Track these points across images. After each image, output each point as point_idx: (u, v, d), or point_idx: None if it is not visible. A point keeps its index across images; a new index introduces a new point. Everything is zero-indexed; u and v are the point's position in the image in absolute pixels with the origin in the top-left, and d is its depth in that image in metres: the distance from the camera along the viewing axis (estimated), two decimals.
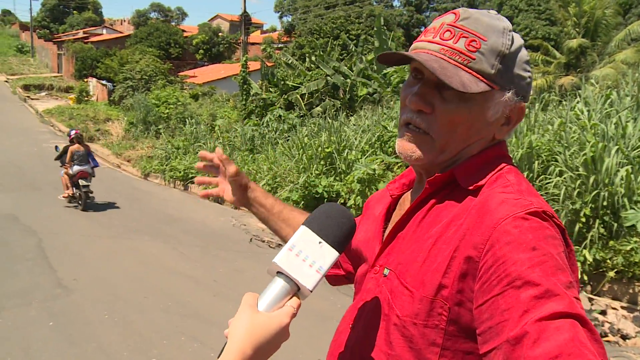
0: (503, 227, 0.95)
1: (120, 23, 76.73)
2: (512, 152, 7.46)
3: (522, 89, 1.10)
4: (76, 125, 22.83)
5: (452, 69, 1.04)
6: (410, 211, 1.14)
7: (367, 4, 45.17)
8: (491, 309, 0.91)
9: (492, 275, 0.92)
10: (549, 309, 0.85)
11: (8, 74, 43.40)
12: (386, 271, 1.13)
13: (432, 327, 1.02)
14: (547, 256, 0.91)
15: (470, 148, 1.12)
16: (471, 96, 1.06)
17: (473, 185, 1.07)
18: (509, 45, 1.07)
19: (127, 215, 10.59)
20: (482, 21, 1.07)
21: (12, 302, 6.00)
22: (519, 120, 1.14)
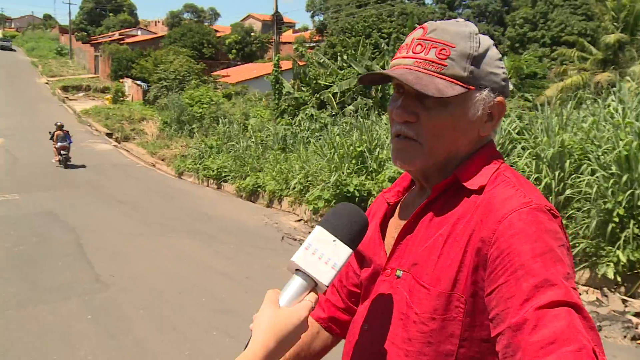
0: (508, 221, 1.02)
1: (155, 24, 77.73)
2: (543, 151, 7.40)
3: (497, 86, 1.18)
4: (112, 124, 23.30)
5: (427, 78, 1.12)
6: (418, 214, 1.20)
7: (399, 2, 45.00)
8: (497, 297, 0.99)
9: (498, 265, 1.00)
10: (548, 297, 0.92)
11: (48, 75, 44.31)
12: (399, 273, 1.19)
13: (450, 319, 1.09)
14: (547, 248, 0.98)
15: (459, 148, 1.19)
16: (450, 100, 1.13)
17: (477, 186, 1.14)
18: (477, 47, 1.15)
19: (163, 213, 10.79)
20: (448, 30, 1.15)
21: (53, 296, 6.21)
22: (501, 114, 1.20)
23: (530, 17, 44.68)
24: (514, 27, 46.00)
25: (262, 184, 12.16)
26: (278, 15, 25.25)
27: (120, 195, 12.41)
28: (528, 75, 14.00)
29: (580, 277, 6.55)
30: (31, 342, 5.06)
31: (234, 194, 12.94)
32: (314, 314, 1.47)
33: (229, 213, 11.02)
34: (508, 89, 1.22)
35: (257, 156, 13.85)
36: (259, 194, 12.27)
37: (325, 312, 1.46)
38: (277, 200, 11.64)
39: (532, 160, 7.51)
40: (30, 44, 67.29)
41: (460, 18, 1.24)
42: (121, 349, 4.90)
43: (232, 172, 13.56)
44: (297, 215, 10.77)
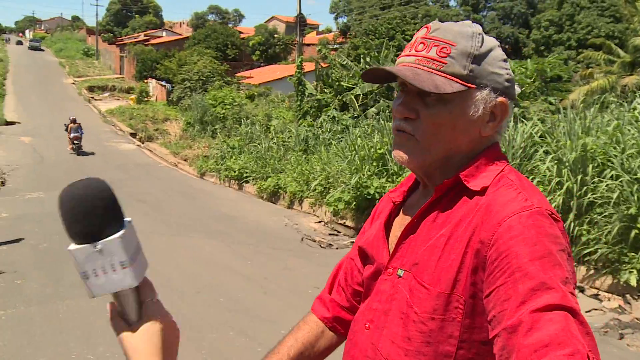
0: (508, 223, 1.02)
1: (180, 25, 78.50)
2: (565, 155, 7.32)
3: (499, 86, 1.17)
4: (136, 124, 23.55)
5: (426, 75, 1.13)
6: (420, 214, 1.21)
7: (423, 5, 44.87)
8: (495, 299, 0.98)
9: (496, 267, 1.00)
10: (544, 301, 0.91)
11: (75, 76, 44.99)
12: (400, 272, 1.19)
13: (449, 320, 1.09)
14: (546, 252, 0.97)
15: (459, 147, 1.19)
16: (449, 98, 1.14)
17: (480, 187, 1.14)
18: (479, 46, 1.15)
19: (183, 213, 10.88)
20: (451, 30, 1.16)
21: (75, 292, 6.29)
22: (504, 115, 1.20)
23: (556, 20, 44.20)
24: (539, 30, 45.54)
25: (283, 185, 12.20)
26: (301, 17, 25.30)
27: (141, 195, 12.53)
28: (552, 79, 13.82)
29: (602, 284, 6.46)
30: (53, 337, 5.15)
31: (255, 195, 13.00)
32: (319, 313, 1.48)
33: (249, 214, 11.07)
34: (513, 91, 1.22)
35: (279, 157, 13.89)
36: (279, 195, 12.31)
37: (329, 311, 1.46)
38: (298, 201, 11.66)
39: (554, 164, 7.43)
40: (59, 45, 68.45)
41: (467, 20, 1.25)
42: None
43: (254, 173, 13.62)
44: (317, 216, 10.79)
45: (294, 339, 1.44)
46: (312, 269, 7.35)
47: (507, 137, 8.58)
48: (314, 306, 1.51)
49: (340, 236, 9.47)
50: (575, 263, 6.65)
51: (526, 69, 13.16)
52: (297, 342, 1.42)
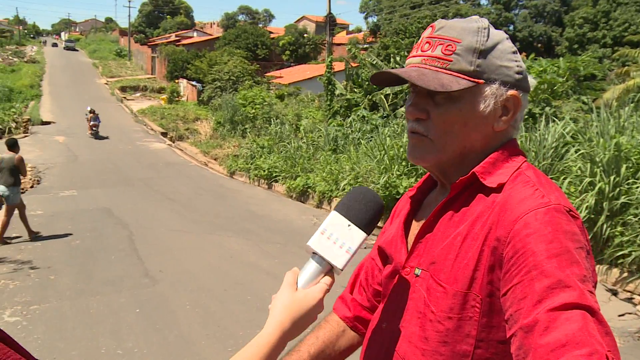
0: (524, 220, 1.00)
1: (210, 26, 79.08)
2: (598, 155, 7.19)
3: (510, 79, 1.15)
4: (167, 124, 23.81)
5: (431, 74, 1.12)
6: (437, 213, 1.19)
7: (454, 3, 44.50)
8: (511, 297, 0.97)
9: (513, 265, 0.98)
10: (561, 299, 0.89)
11: (108, 76, 45.70)
12: (418, 271, 1.18)
13: (466, 319, 1.08)
14: (563, 249, 0.95)
15: (473, 144, 1.17)
16: (458, 95, 1.13)
17: (496, 184, 1.12)
18: (484, 41, 1.13)
19: (212, 212, 10.96)
20: (455, 27, 1.15)
21: (106, 288, 6.42)
22: (517, 109, 1.17)
23: (591, 17, 43.43)
24: (572, 28, 44.81)
25: (312, 185, 12.20)
26: (331, 17, 25.31)
27: (172, 194, 12.67)
28: (585, 77, 13.58)
29: (636, 287, 6.34)
30: (83, 331, 5.24)
31: (284, 194, 13.04)
32: (340, 312, 1.48)
33: (278, 213, 11.10)
34: (526, 83, 1.19)
35: (308, 157, 13.90)
36: (308, 195, 12.32)
37: (351, 311, 1.46)
38: (327, 201, 11.66)
39: (587, 164, 7.31)
40: (92, 47, 69.73)
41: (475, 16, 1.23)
42: (166, 342, 5.01)
43: (283, 172, 13.65)
44: None
45: (315, 337, 1.43)
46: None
47: (538, 137, 8.47)
48: (335, 305, 1.51)
49: (368, 236, 9.44)
50: (608, 265, 6.57)
51: (558, 68, 12.95)
52: (318, 341, 1.42)
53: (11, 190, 8.39)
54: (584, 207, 6.83)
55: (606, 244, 6.77)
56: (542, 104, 11.22)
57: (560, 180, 7.58)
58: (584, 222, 6.76)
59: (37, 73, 42.26)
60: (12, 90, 31.24)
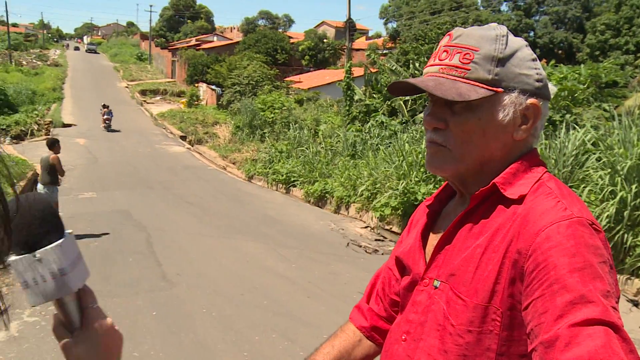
0: (546, 233, 0.99)
1: (230, 30, 79.49)
2: (619, 163, 7.09)
3: (529, 87, 1.14)
4: (186, 127, 23.97)
5: (449, 83, 1.12)
6: (456, 224, 1.18)
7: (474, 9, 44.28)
8: (532, 311, 0.95)
9: (534, 279, 0.97)
10: (583, 314, 0.88)
11: (128, 80, 46.14)
12: (437, 283, 1.17)
13: (486, 332, 1.06)
14: (586, 264, 0.94)
15: (492, 153, 1.16)
16: (476, 104, 1.12)
17: (517, 195, 1.10)
18: (503, 49, 1.12)
19: (230, 216, 10.99)
20: (473, 35, 1.14)
21: (123, 291, 6.45)
22: (537, 117, 1.16)
23: (613, 23, 42.94)
24: (594, 34, 44.33)
25: (330, 190, 12.19)
26: (351, 22, 25.30)
27: (190, 197, 12.73)
28: (607, 84, 13.43)
29: None
30: None
31: (302, 199, 13.04)
32: (357, 322, 1.47)
33: (296, 218, 11.11)
34: (546, 91, 1.18)
35: (326, 162, 13.89)
36: (326, 200, 12.32)
37: (367, 320, 1.45)
38: (345, 206, 11.65)
39: (607, 173, 7.22)
40: (114, 50, 70.55)
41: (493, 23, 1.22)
42: (182, 346, 5.02)
43: (301, 177, 13.66)
44: (364, 222, 10.75)
45: (330, 346, 1.43)
46: (357, 274, 7.32)
47: (558, 145, 8.39)
48: (352, 315, 1.50)
49: (386, 242, 9.41)
50: (629, 276, 6.47)
51: (579, 75, 12.83)
52: (334, 350, 1.42)
53: (48, 189, 8.60)
54: (605, 216, 6.75)
55: (627, 253, 6.68)
56: (563, 111, 11.11)
57: (580, 189, 7.50)
58: (605, 232, 6.70)
59: (60, 76, 42.76)
60: (35, 93, 31.62)
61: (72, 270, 0.89)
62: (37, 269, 0.86)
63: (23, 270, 0.86)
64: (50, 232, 0.88)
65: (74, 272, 0.90)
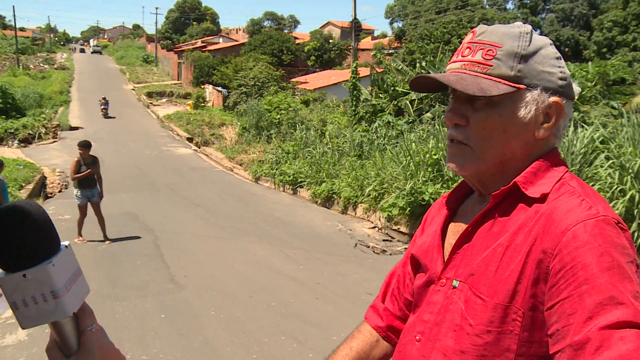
0: (572, 232, 0.96)
1: (236, 32, 79.65)
2: (628, 162, 7.04)
3: (552, 85, 1.12)
4: (193, 129, 24.02)
5: (471, 78, 1.10)
6: (475, 223, 1.16)
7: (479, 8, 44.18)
8: (559, 312, 0.93)
9: (561, 279, 0.95)
10: (614, 317, 0.85)
11: (134, 82, 46.23)
12: (455, 283, 1.15)
13: (506, 333, 1.04)
14: (614, 263, 0.91)
15: (513, 151, 1.14)
16: (498, 100, 1.11)
17: (540, 194, 1.08)
18: (526, 46, 1.11)
19: (238, 217, 10.99)
20: (497, 32, 1.13)
21: (132, 293, 6.46)
22: (560, 116, 1.14)
23: (621, 20, 42.73)
24: (601, 31, 44.13)
25: (337, 191, 12.18)
26: (356, 22, 25.30)
27: (197, 199, 12.74)
28: (615, 82, 13.34)
29: None
30: (109, 336, 5.24)
31: (309, 200, 13.02)
32: (372, 322, 1.45)
33: (303, 218, 11.09)
34: (570, 90, 1.16)
35: (333, 162, 13.88)
36: (333, 200, 12.30)
37: (383, 320, 1.43)
38: (352, 206, 11.62)
39: (616, 171, 7.17)
40: (120, 53, 70.74)
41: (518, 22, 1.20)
42: (191, 348, 5.01)
43: (308, 177, 13.65)
44: (371, 222, 10.72)
45: (348, 348, 1.42)
46: (365, 275, 7.29)
47: (566, 143, 8.34)
48: (367, 315, 1.49)
49: (394, 242, 9.39)
50: None
51: (587, 72, 12.76)
52: (352, 351, 1.41)
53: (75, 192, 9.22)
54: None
55: (637, 253, 6.63)
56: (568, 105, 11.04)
57: None
58: None
59: (66, 79, 42.94)
60: (42, 97, 31.81)
61: (67, 291, 0.82)
62: (27, 290, 0.78)
63: (12, 291, 0.79)
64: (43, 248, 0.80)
65: (70, 293, 0.82)
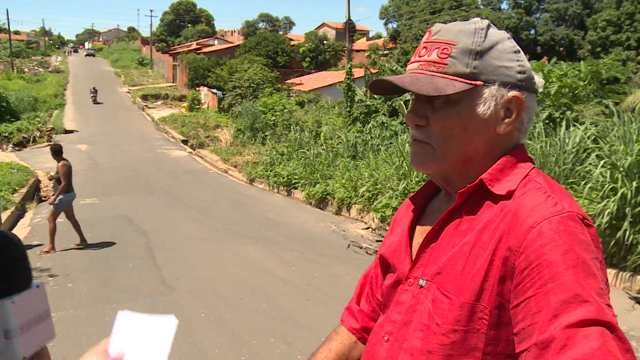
0: (537, 230, 0.97)
1: (231, 34, 79.79)
2: (619, 160, 7.04)
3: (511, 79, 1.11)
4: (188, 132, 23.99)
5: (427, 79, 1.11)
6: (442, 221, 1.15)
7: (474, 8, 44.24)
8: (524, 310, 0.93)
9: (526, 277, 0.95)
10: (579, 315, 0.86)
11: (130, 85, 46.22)
12: (422, 282, 1.14)
13: (473, 332, 1.03)
14: (579, 261, 0.92)
15: (476, 149, 1.13)
16: (456, 99, 1.11)
17: (505, 191, 1.08)
18: (481, 41, 1.10)
19: (231, 219, 10.97)
20: (452, 29, 1.13)
21: (123, 296, 6.44)
22: (521, 111, 1.13)
23: (615, 19, 42.85)
24: (595, 31, 44.25)
25: (331, 192, 12.16)
26: (351, 23, 25.30)
27: (191, 201, 12.71)
28: (608, 80, 13.36)
29: None
30: (98, 339, 5.12)
31: (303, 201, 13.01)
32: (347, 324, 1.45)
33: (296, 220, 11.08)
34: (531, 83, 1.14)
35: (328, 163, 13.86)
36: (328, 201, 12.29)
37: (358, 322, 1.43)
38: (346, 207, 11.61)
39: (607, 170, 7.17)
40: (115, 56, 70.74)
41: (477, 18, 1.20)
42: (180, 351, 4.98)
43: (302, 179, 13.63)
44: (365, 223, 10.71)
45: (327, 350, 1.42)
46: (357, 276, 7.20)
47: (558, 142, 8.35)
48: (343, 317, 1.49)
49: None
50: (631, 273, 6.42)
51: (579, 71, 12.77)
52: (331, 353, 1.41)
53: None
54: (606, 213, 6.70)
55: (629, 250, 6.63)
56: (563, 108, 11.06)
57: (581, 186, 7.46)
58: (606, 229, 6.63)
59: (61, 82, 42.94)
60: (37, 100, 31.73)
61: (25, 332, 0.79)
62: None
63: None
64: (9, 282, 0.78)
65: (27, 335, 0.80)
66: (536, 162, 8.38)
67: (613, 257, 6.66)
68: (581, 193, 7.29)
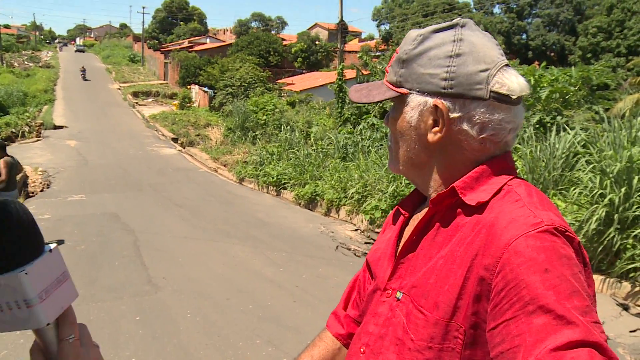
0: (514, 247, 0.91)
1: (223, 32, 79.62)
2: (609, 166, 7.05)
3: (431, 87, 1.06)
4: (178, 129, 23.89)
5: (373, 86, 1.17)
6: (419, 232, 1.11)
7: (466, 11, 44.32)
8: (503, 333, 0.88)
9: (504, 298, 0.89)
10: (564, 337, 0.81)
11: (120, 82, 46.02)
12: (399, 295, 1.11)
13: (448, 350, 0.99)
14: (560, 278, 0.86)
15: (417, 155, 1.13)
16: (395, 106, 1.14)
17: (475, 202, 1.03)
18: (410, 49, 1.09)
19: (220, 219, 10.91)
20: (406, 38, 1.14)
21: (108, 295, 6.37)
22: (446, 119, 1.06)
23: (605, 26, 43.07)
24: (586, 37, 44.47)
25: (320, 192, 12.13)
26: (343, 24, 25.29)
27: (179, 199, 12.64)
28: (598, 86, 13.43)
29: None
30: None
31: (293, 202, 12.97)
32: (333, 330, 1.41)
33: (285, 220, 11.03)
34: (463, 90, 1.04)
35: (317, 164, 13.82)
36: (317, 202, 12.25)
37: (344, 328, 1.40)
38: (335, 209, 11.58)
39: (597, 176, 7.18)
40: (106, 52, 70.40)
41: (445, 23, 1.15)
42: (164, 352, 4.94)
43: (292, 179, 13.59)
44: (354, 224, 10.69)
45: (309, 357, 1.39)
46: (345, 277, 7.24)
47: (548, 146, 8.37)
48: (328, 322, 1.45)
49: None
50: (618, 279, 6.42)
51: (570, 77, 12.82)
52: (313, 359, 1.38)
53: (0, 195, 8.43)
54: (594, 219, 6.71)
55: (617, 256, 6.64)
56: (554, 113, 11.10)
57: (570, 191, 7.47)
58: (594, 235, 6.63)
59: (51, 78, 42.64)
60: (27, 95, 31.54)
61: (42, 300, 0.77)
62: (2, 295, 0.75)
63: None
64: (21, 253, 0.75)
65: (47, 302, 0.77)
66: (526, 167, 8.41)
67: (600, 262, 6.67)
68: (570, 199, 7.30)
